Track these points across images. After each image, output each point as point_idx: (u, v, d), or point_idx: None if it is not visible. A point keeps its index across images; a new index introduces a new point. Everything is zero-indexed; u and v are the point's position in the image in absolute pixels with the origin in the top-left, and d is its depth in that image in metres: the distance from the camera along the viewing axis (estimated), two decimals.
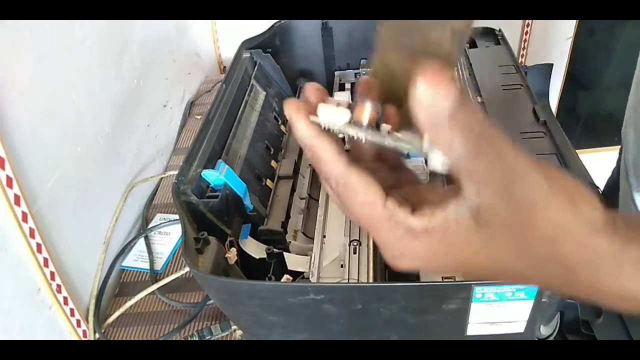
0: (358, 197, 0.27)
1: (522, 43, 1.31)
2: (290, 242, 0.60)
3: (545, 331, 0.52)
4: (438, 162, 0.26)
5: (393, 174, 0.31)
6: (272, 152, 0.70)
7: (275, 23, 0.79)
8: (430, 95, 0.23)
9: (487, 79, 0.63)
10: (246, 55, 0.76)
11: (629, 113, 0.60)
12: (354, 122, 0.30)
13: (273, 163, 0.69)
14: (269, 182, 0.66)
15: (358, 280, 0.55)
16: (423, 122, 0.24)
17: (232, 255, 0.51)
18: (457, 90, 0.23)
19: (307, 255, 0.59)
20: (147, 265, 0.74)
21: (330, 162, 0.28)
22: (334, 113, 0.30)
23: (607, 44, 1.40)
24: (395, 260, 0.28)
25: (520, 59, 1.32)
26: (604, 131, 1.50)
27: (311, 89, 0.29)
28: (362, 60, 0.84)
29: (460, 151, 0.23)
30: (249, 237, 0.58)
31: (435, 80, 0.23)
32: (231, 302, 0.49)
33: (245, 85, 0.72)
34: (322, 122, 0.29)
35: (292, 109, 0.28)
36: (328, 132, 0.29)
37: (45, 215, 0.59)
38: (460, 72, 0.67)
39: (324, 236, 0.61)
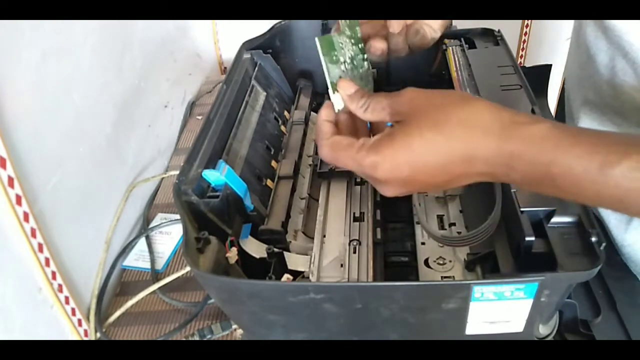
0: (341, 144, 0.41)
1: (521, 44, 1.31)
2: (290, 241, 0.61)
3: (544, 330, 0.52)
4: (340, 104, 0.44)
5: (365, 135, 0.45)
6: (272, 153, 0.70)
7: (276, 24, 0.80)
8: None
9: (486, 79, 0.63)
10: (247, 56, 0.76)
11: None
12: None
13: (273, 163, 0.70)
14: (269, 182, 0.66)
15: (358, 279, 0.55)
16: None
17: (232, 254, 0.51)
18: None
19: (307, 255, 0.59)
20: (148, 265, 0.75)
21: (326, 133, 0.43)
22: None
23: None
24: (378, 182, 0.39)
25: (519, 59, 1.32)
26: None
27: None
28: None
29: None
30: (249, 236, 0.58)
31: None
32: (232, 302, 0.50)
33: (245, 85, 0.72)
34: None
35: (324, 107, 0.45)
36: (331, 122, 0.44)
37: (46, 215, 0.59)
38: (459, 73, 0.67)
39: (324, 236, 0.61)
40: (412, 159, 0.37)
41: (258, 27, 0.78)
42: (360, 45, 0.49)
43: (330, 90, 0.45)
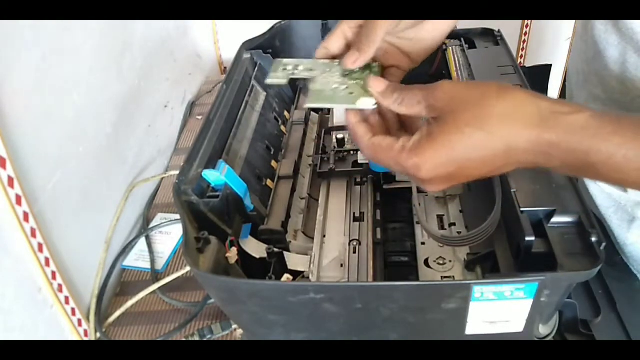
0: (381, 147, 0.40)
1: (521, 44, 1.31)
2: (290, 241, 0.61)
3: (544, 330, 0.52)
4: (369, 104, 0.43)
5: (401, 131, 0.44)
6: (272, 153, 0.70)
7: (276, 24, 0.80)
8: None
9: (486, 79, 0.63)
10: (247, 56, 0.76)
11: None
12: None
13: (273, 163, 0.70)
14: (269, 182, 0.66)
15: (358, 279, 0.55)
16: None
17: (232, 254, 0.51)
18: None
19: (307, 255, 0.59)
20: (148, 265, 0.75)
21: (364, 136, 0.42)
22: None
23: None
24: (422, 182, 0.39)
25: (519, 59, 1.32)
26: None
27: None
28: None
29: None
30: (249, 236, 0.58)
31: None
32: (231, 302, 0.50)
33: (245, 85, 0.72)
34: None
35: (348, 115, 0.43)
36: (363, 122, 0.43)
37: (46, 215, 0.59)
38: (459, 73, 0.67)
39: (324, 236, 0.61)
40: (455, 157, 0.37)
41: (258, 27, 0.78)
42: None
43: (349, 107, 0.44)
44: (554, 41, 1.30)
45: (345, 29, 0.47)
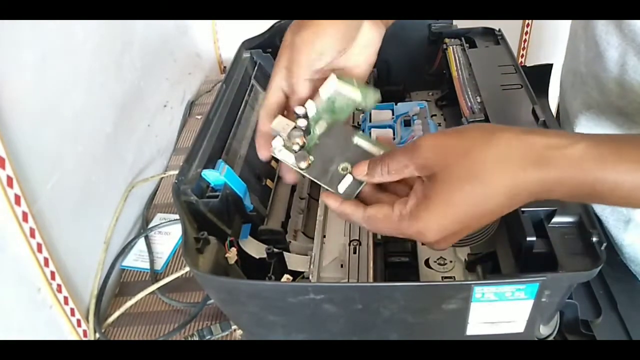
0: (378, 218, 0.40)
1: (522, 43, 1.31)
2: (290, 242, 0.60)
3: (544, 331, 0.52)
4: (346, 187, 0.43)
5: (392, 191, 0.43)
6: None
7: (276, 23, 0.79)
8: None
9: (486, 78, 0.63)
10: (246, 55, 0.76)
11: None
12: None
13: (273, 163, 0.69)
14: (269, 182, 0.66)
15: (358, 280, 0.55)
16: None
17: (232, 255, 0.51)
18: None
19: (307, 255, 0.59)
20: (147, 265, 0.74)
21: (355, 213, 0.41)
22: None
23: None
24: (429, 244, 0.39)
25: (520, 59, 1.32)
26: None
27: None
28: None
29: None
30: (249, 236, 0.58)
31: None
32: (231, 302, 0.49)
33: (245, 85, 0.72)
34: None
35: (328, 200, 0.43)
36: (347, 200, 0.42)
37: (45, 215, 0.59)
38: (460, 72, 0.67)
39: (324, 236, 0.61)
40: (459, 216, 0.36)
41: (258, 27, 0.78)
42: (323, 121, 0.46)
43: (331, 190, 0.43)
44: (555, 40, 1.30)
45: (281, 83, 0.47)
